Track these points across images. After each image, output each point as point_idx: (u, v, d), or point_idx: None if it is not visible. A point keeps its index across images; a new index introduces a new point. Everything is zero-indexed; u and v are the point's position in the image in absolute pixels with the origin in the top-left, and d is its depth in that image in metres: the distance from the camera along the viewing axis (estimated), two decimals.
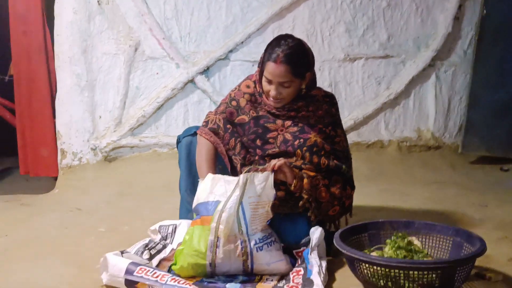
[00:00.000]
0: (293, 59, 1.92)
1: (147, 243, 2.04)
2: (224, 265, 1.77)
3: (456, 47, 3.77)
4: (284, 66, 1.90)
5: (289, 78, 1.93)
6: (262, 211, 1.80)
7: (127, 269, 1.71)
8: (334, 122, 2.08)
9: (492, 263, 1.91)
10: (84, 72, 3.32)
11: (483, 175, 3.51)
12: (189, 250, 1.78)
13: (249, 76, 2.16)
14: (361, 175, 3.26)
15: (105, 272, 1.77)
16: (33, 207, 2.96)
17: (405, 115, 3.74)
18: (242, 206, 1.79)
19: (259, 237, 1.79)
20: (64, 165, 3.36)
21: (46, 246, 2.25)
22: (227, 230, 1.76)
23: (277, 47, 1.92)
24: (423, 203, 2.84)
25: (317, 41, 3.57)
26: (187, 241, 1.80)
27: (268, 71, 1.94)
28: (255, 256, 1.77)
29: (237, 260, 1.77)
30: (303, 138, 2.00)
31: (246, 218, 1.78)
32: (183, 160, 2.17)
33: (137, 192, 3.14)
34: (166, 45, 3.38)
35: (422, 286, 1.56)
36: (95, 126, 3.38)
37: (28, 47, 3.35)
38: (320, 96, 2.09)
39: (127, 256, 1.87)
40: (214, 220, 1.77)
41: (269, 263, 1.79)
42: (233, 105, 2.09)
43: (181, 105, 3.46)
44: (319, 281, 1.61)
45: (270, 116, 2.06)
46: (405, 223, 1.92)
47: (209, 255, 1.76)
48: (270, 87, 1.97)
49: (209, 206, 1.82)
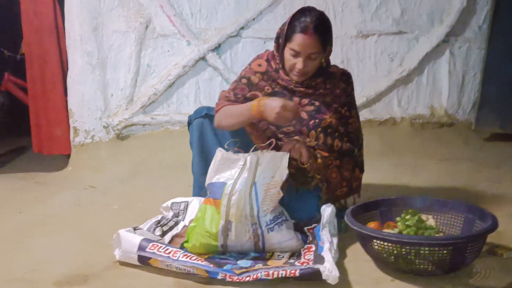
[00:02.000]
0: (323, 29, 1.90)
1: (159, 219, 2.07)
2: (235, 246, 1.79)
3: (471, 22, 3.69)
4: (315, 36, 1.88)
5: (318, 49, 1.90)
6: (274, 191, 1.80)
7: (139, 245, 1.72)
8: (349, 102, 2.07)
9: (504, 239, 1.90)
10: (95, 51, 3.32)
11: (497, 151, 3.47)
12: (201, 231, 1.79)
13: (259, 55, 2.12)
14: (374, 151, 3.26)
15: (118, 249, 1.79)
16: (47, 185, 3.01)
17: (418, 91, 3.70)
18: (255, 188, 1.79)
19: (270, 218, 1.79)
20: (76, 143, 3.39)
21: (61, 224, 2.29)
22: (238, 213, 1.77)
23: (305, 18, 1.89)
24: (436, 178, 2.83)
25: (329, 17, 3.49)
26: (200, 219, 1.82)
27: (297, 43, 1.90)
28: (266, 237, 1.79)
29: (249, 241, 1.79)
30: (319, 119, 1.99)
31: (258, 200, 1.79)
32: (195, 143, 2.16)
33: (149, 169, 3.17)
34: (177, 22, 3.35)
35: (433, 262, 1.56)
36: (107, 104, 3.40)
37: (39, 26, 3.35)
38: (338, 74, 2.07)
39: (140, 232, 1.89)
40: (223, 204, 1.78)
41: (281, 242, 1.80)
42: (244, 83, 2.07)
43: (192, 82, 3.45)
44: (329, 257, 1.62)
45: (287, 92, 2.03)
46: (417, 199, 1.92)
47: (220, 238, 1.78)
48: (296, 60, 1.93)
49: (215, 188, 1.83)
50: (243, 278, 1.58)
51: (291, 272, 1.56)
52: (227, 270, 1.63)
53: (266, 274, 1.57)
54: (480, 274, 1.65)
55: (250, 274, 1.59)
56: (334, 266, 1.57)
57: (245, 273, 1.60)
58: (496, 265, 1.71)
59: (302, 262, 1.68)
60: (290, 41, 1.92)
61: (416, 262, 1.57)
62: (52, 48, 3.38)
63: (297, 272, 1.56)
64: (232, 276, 1.60)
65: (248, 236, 1.78)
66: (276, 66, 2.03)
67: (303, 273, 1.56)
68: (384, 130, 3.59)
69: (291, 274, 1.56)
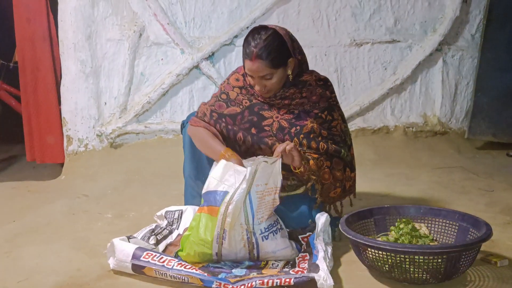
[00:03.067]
0: (266, 52, 1.89)
1: (153, 228, 2.06)
2: (230, 255, 1.79)
3: (464, 31, 3.73)
4: (259, 61, 1.89)
5: (267, 71, 1.91)
6: (269, 198, 1.80)
7: (133, 254, 1.72)
8: (329, 106, 2.05)
9: (497, 247, 1.92)
10: (88, 59, 3.32)
11: (489, 160, 3.49)
12: (196, 239, 1.78)
13: (237, 69, 2.14)
14: (367, 160, 3.27)
15: (112, 257, 1.79)
16: (40, 193, 2.99)
17: (411, 100, 3.72)
18: (249, 196, 1.79)
19: (264, 226, 1.79)
20: (70, 152, 3.38)
21: (54, 232, 2.27)
22: (233, 222, 1.76)
23: (251, 43, 1.91)
24: (429, 187, 2.84)
25: (323, 26, 3.54)
26: (194, 228, 1.81)
27: (246, 68, 1.94)
28: (260, 245, 1.78)
29: (243, 250, 1.78)
30: (300, 125, 1.99)
31: (253, 208, 1.78)
32: (187, 145, 2.17)
33: (143, 178, 3.16)
34: (171, 30, 3.36)
35: (427, 271, 1.57)
36: (101, 113, 3.39)
37: (32, 34, 3.34)
38: (313, 81, 2.05)
39: (134, 241, 1.88)
40: (220, 212, 1.77)
41: (275, 251, 1.80)
42: (223, 98, 2.09)
43: (186, 91, 3.45)
44: (324, 266, 1.62)
45: (266, 105, 2.05)
46: (411, 208, 1.92)
47: (215, 246, 1.77)
48: (253, 81, 1.97)
49: (217, 196, 1.82)
50: (238, 286, 1.58)
51: (286, 281, 1.56)
52: (222, 279, 1.63)
53: (261, 282, 1.56)
54: (474, 282, 1.66)
55: (245, 283, 1.58)
56: (329, 275, 1.57)
57: (239, 281, 1.60)
58: (490, 273, 1.71)
59: (296, 271, 1.67)
60: (244, 65, 1.96)
61: (410, 271, 1.57)
62: (45, 56, 3.36)
63: (292, 280, 1.56)
64: (226, 285, 1.59)
65: (242, 244, 1.77)
66: (250, 83, 2.05)
67: (298, 281, 1.55)
68: (378, 139, 3.60)
69: (285, 282, 1.56)
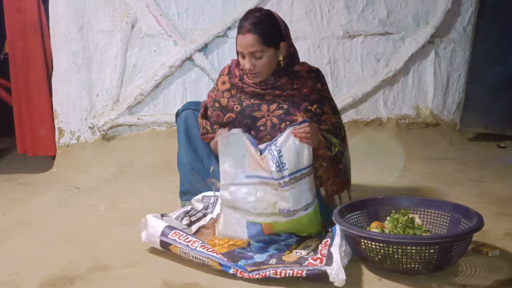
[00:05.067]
0: (259, 27, 1.92)
1: (188, 210, 2.09)
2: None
3: (456, 24, 3.74)
4: (251, 35, 1.91)
5: (258, 47, 1.92)
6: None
7: (162, 231, 1.80)
8: (320, 99, 2.04)
9: (488, 238, 1.93)
10: (80, 50, 3.29)
11: (480, 151, 3.52)
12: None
13: (222, 71, 2.15)
14: (360, 152, 3.27)
15: (145, 231, 1.87)
16: (31, 186, 2.97)
17: (404, 92, 3.73)
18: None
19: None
20: (62, 144, 3.35)
21: (46, 225, 2.26)
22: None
23: (245, 21, 1.94)
24: (422, 179, 2.86)
25: (316, 17, 3.53)
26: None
27: (238, 44, 1.95)
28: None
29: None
30: (289, 120, 1.99)
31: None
32: (182, 133, 2.17)
33: (136, 170, 3.15)
34: (164, 22, 3.34)
35: (419, 261, 1.58)
36: (93, 105, 3.36)
37: (22, 25, 3.30)
38: (304, 72, 2.05)
39: (167, 219, 1.94)
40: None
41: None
42: (217, 107, 2.09)
43: (179, 83, 3.43)
44: (337, 257, 1.62)
45: (255, 102, 2.03)
46: (404, 199, 1.93)
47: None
48: (244, 61, 1.97)
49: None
50: (253, 275, 1.63)
51: (298, 272, 1.58)
52: (240, 266, 1.67)
53: (274, 272, 1.60)
54: (466, 272, 1.67)
55: (260, 272, 1.63)
56: (341, 269, 1.56)
57: (255, 270, 1.64)
58: (481, 263, 1.73)
59: (315, 258, 1.67)
60: (236, 44, 1.97)
61: (403, 261, 1.58)
62: (37, 47, 3.33)
63: (304, 272, 1.58)
64: (243, 272, 1.65)
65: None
66: (240, 73, 2.05)
67: (310, 273, 1.57)
68: (370, 131, 3.61)
69: (298, 274, 1.58)
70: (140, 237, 1.89)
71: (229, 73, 2.10)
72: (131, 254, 1.88)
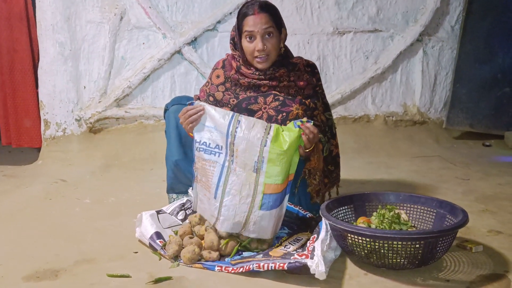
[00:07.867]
0: (270, 7, 1.97)
1: (184, 203, 2.07)
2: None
3: (444, 22, 3.77)
4: (263, 13, 1.93)
5: (270, 23, 1.94)
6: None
7: (151, 236, 1.85)
8: (314, 93, 2.06)
9: (473, 234, 1.96)
10: (67, 41, 3.25)
11: (466, 150, 3.56)
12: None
13: (215, 65, 2.13)
14: (348, 148, 3.29)
15: (138, 228, 1.91)
16: (16, 178, 2.93)
17: (392, 89, 3.75)
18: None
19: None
20: (47, 136, 3.32)
21: (30, 218, 2.24)
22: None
23: (251, 5, 1.96)
24: (408, 175, 2.88)
25: (306, 13, 3.53)
26: None
27: (249, 24, 1.93)
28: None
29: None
30: (286, 112, 1.99)
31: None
32: (172, 129, 2.11)
33: (122, 163, 3.13)
34: (153, 14, 3.31)
35: (404, 256, 1.59)
36: (80, 97, 3.33)
37: (8, 13, 3.25)
38: (302, 65, 2.07)
39: (163, 217, 1.95)
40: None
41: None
42: (211, 101, 2.08)
43: (168, 76, 3.41)
44: (319, 251, 1.62)
45: (251, 94, 2.02)
46: (390, 195, 1.94)
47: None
48: (253, 43, 1.95)
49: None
50: (237, 268, 1.65)
51: (280, 266, 1.60)
52: (224, 262, 1.70)
53: (257, 266, 1.62)
54: (450, 268, 1.69)
55: (243, 265, 1.64)
56: (322, 262, 1.57)
57: (239, 263, 1.66)
58: (465, 259, 1.75)
59: (301, 254, 1.67)
60: (243, 29, 1.95)
61: (389, 256, 1.59)
62: (22, 37, 3.28)
63: (286, 265, 1.59)
64: (227, 268, 1.67)
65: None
66: (237, 64, 2.03)
67: (291, 266, 1.59)
68: (358, 127, 3.63)
69: (279, 267, 1.60)
70: (126, 230, 1.88)
71: (223, 67, 2.08)
72: (118, 248, 1.87)
